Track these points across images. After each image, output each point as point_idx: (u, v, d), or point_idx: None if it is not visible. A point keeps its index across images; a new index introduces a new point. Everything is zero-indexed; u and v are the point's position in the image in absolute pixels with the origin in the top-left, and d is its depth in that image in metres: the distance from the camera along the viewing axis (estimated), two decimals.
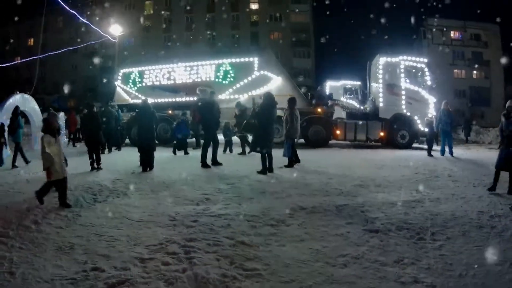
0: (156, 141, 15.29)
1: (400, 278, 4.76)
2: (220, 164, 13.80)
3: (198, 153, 14.39)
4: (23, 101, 20.20)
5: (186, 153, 17.19)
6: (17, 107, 16.67)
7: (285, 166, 13.31)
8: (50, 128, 8.55)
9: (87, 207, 8.84)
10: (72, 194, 9.79)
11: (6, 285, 5.11)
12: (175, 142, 18.11)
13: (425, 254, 5.50)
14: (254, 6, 71.37)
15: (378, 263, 5.19)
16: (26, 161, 15.26)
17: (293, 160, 13.67)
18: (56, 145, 8.58)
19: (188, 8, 71.97)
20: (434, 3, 64.71)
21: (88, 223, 7.62)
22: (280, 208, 7.99)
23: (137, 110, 14.72)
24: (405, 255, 5.45)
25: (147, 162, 13.40)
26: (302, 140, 21.63)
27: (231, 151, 18.26)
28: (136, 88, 24.84)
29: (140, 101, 18.38)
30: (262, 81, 22.12)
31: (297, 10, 68.69)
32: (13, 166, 14.73)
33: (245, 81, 22.34)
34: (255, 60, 22.60)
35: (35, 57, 49.62)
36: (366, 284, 4.68)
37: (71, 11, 32.88)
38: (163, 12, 73.21)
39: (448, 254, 5.53)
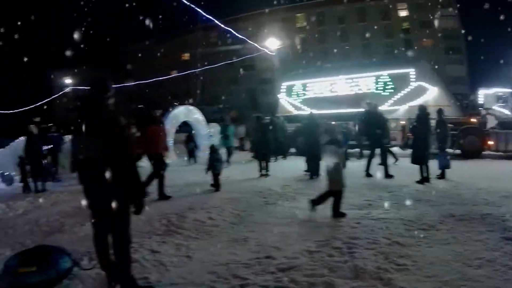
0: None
1: None
2: (391, 176, 13.53)
3: (362, 163, 14.58)
4: (187, 112, 21.79)
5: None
6: (224, 119, 18.98)
7: (437, 177, 13.10)
8: (335, 139, 9.04)
9: (259, 208, 9.75)
10: (244, 197, 10.83)
11: (184, 266, 5.98)
12: None
13: None
14: (403, 13, 68.42)
15: (507, 267, 5.45)
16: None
17: (444, 172, 13.28)
18: (339, 156, 8.90)
19: (340, 18, 70.76)
20: None
21: (260, 221, 8.46)
22: (433, 215, 8.33)
23: (304, 122, 15.25)
24: None
25: (314, 170, 13.86)
26: (458, 151, 20.61)
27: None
28: (300, 100, 25.11)
29: (306, 113, 19.03)
30: (419, 92, 21.53)
31: (444, 15, 64.58)
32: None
33: (403, 92, 21.84)
34: (411, 71, 22.09)
35: (193, 71, 52.25)
36: (493, 283, 5.03)
37: (227, 28, 33.90)
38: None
39: None
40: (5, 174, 16.59)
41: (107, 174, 4.67)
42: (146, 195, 11.01)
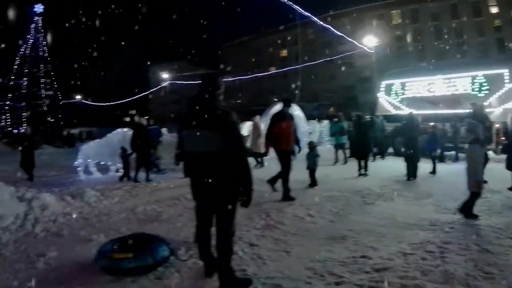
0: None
1: None
2: (485, 182, 12.53)
3: (459, 166, 13.58)
4: None
5: (433, 171, 14.82)
6: (338, 116, 19.67)
7: None
8: (478, 139, 8.50)
9: (357, 207, 9.71)
10: (343, 196, 10.88)
11: (281, 260, 6.05)
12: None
13: None
14: (494, 10, 63.06)
15: None
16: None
17: None
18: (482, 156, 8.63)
19: (434, 15, 67.46)
20: None
21: (358, 221, 8.33)
22: None
23: (404, 122, 14.94)
24: None
25: (411, 172, 13.52)
26: None
27: None
28: (399, 99, 24.27)
29: (404, 112, 18.66)
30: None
31: None
32: (345, 162, 18.11)
33: (497, 94, 20.40)
34: (506, 71, 20.56)
35: (293, 67, 52.17)
36: None
37: (325, 25, 33.62)
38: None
39: None
40: (101, 163, 17.33)
41: (217, 168, 4.82)
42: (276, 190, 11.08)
